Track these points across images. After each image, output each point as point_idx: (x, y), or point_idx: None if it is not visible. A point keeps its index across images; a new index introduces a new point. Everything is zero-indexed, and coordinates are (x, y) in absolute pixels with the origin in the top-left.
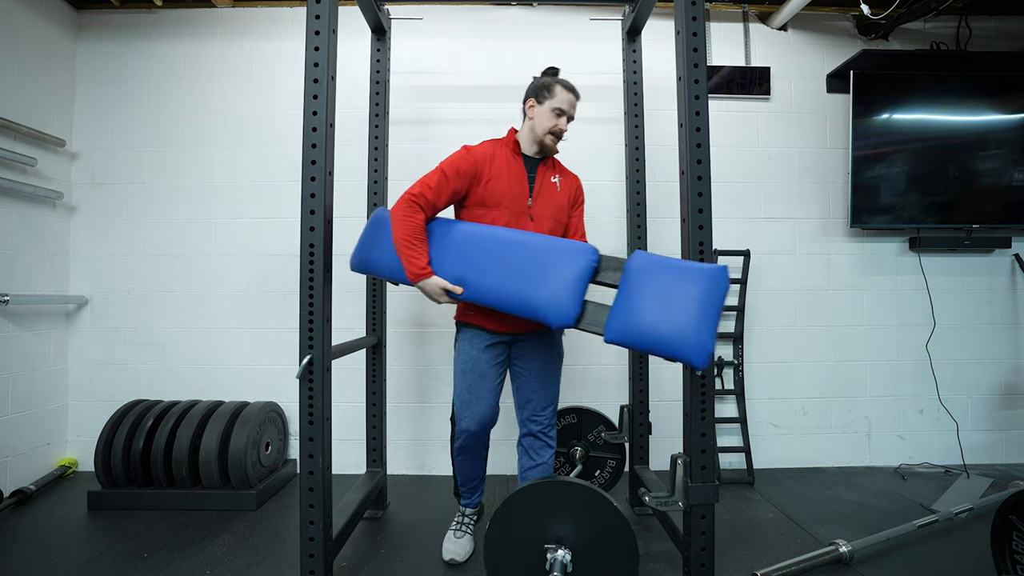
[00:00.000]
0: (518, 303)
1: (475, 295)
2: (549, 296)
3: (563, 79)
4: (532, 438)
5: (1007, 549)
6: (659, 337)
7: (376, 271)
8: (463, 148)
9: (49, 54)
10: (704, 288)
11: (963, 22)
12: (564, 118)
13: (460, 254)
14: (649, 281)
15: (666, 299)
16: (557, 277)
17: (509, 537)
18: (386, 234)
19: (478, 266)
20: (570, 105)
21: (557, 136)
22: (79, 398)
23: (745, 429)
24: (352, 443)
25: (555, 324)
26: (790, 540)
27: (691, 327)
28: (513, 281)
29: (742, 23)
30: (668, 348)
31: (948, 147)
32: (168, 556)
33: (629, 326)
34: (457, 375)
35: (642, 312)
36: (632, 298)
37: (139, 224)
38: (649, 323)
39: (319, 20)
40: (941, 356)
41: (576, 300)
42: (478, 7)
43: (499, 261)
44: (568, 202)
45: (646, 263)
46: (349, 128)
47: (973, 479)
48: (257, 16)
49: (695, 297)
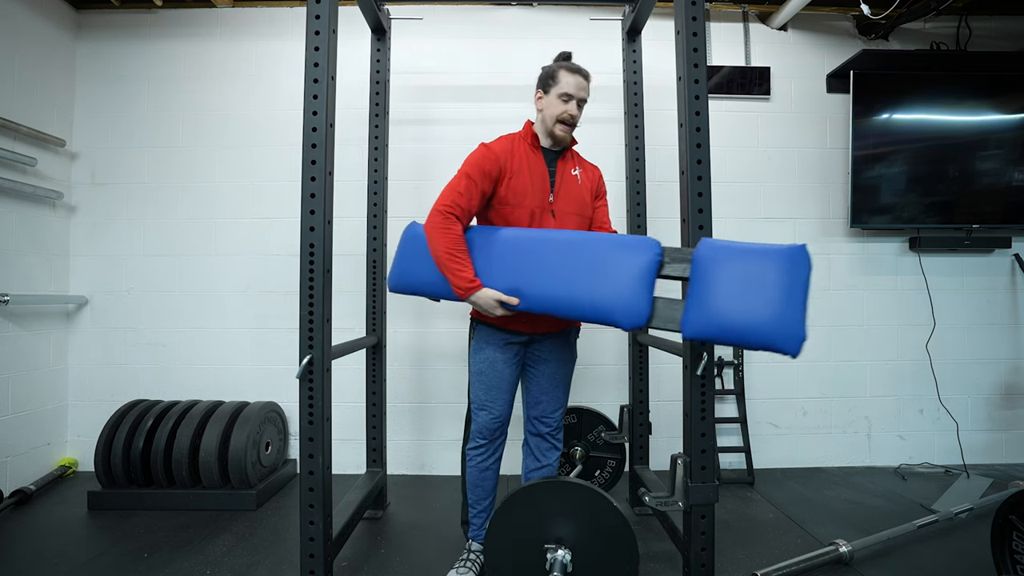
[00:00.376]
0: (582, 308)
1: (532, 304)
2: (617, 296)
3: (567, 62)
4: (540, 439)
5: (1007, 549)
6: (745, 328)
7: (419, 289)
8: (481, 146)
9: (49, 54)
10: (787, 271)
11: (963, 22)
12: (573, 103)
13: (507, 263)
14: (724, 269)
15: (747, 287)
16: (622, 275)
17: (509, 537)
18: (423, 249)
19: (530, 273)
20: (578, 88)
21: (568, 124)
22: (79, 398)
23: (745, 429)
24: (352, 443)
25: (628, 326)
26: (790, 540)
27: (780, 314)
28: (573, 285)
29: (742, 23)
30: (758, 339)
31: (948, 147)
32: (168, 556)
33: (711, 319)
34: (473, 374)
35: (722, 303)
36: (708, 289)
37: (139, 224)
38: (732, 314)
39: (319, 20)
40: (941, 356)
41: (647, 298)
42: (478, 7)
43: (552, 265)
44: (590, 194)
45: (717, 250)
46: (349, 128)
47: (973, 479)
48: (257, 16)
49: (779, 282)
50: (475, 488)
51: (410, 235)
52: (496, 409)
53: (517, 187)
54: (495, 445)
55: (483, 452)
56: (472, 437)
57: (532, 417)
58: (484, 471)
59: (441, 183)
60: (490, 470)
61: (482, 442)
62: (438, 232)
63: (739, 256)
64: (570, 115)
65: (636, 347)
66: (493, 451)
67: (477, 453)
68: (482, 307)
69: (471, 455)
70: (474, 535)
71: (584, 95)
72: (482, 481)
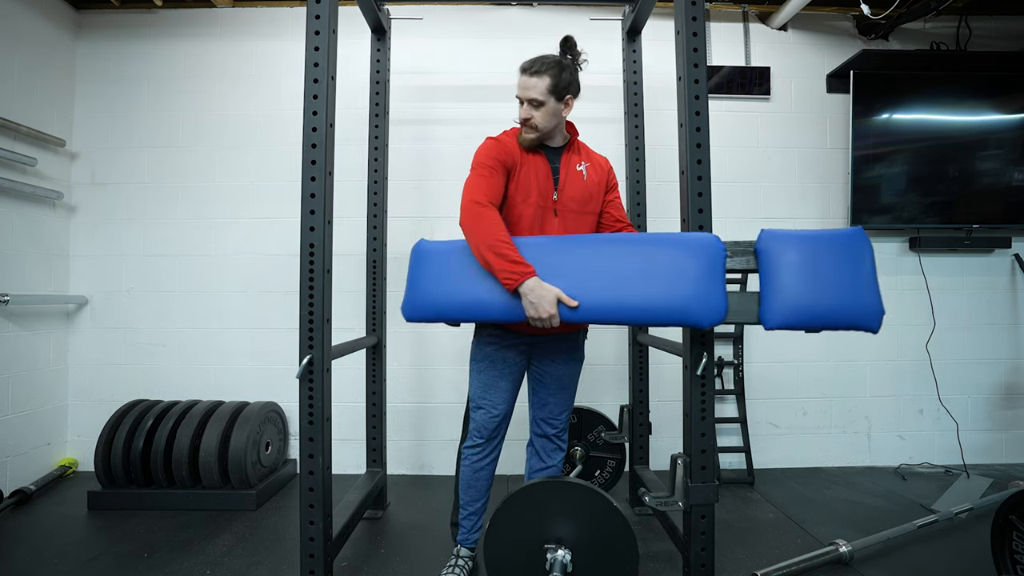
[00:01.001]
0: (655, 311)
1: (592, 312)
2: (693, 296)
3: (525, 62)
4: (546, 440)
5: (1007, 549)
6: (829, 312)
7: (445, 311)
8: (489, 139)
9: (49, 54)
10: (857, 253)
11: (963, 22)
12: (525, 106)
13: (555, 269)
14: (794, 258)
15: (819, 273)
16: (693, 273)
17: (509, 537)
18: (443, 266)
19: (584, 279)
20: (523, 88)
21: (526, 127)
22: (79, 398)
23: (745, 429)
24: (352, 443)
25: (708, 323)
26: (790, 540)
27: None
28: (639, 288)
29: (742, 23)
30: (843, 320)
31: (948, 147)
32: (168, 556)
33: (793, 308)
34: (473, 372)
35: (802, 291)
36: (782, 278)
37: (139, 224)
38: (814, 301)
39: (319, 20)
40: (941, 356)
41: (723, 293)
42: (478, 7)
43: (610, 269)
44: (599, 188)
45: (779, 240)
46: (349, 128)
47: (973, 479)
48: (257, 16)
49: (851, 264)
50: (468, 489)
51: (422, 253)
52: (494, 408)
53: (525, 183)
54: (492, 445)
55: (479, 452)
56: (469, 435)
57: (539, 419)
58: (478, 472)
59: (441, 183)
60: (485, 471)
61: (479, 441)
62: (477, 220)
63: (805, 244)
64: (523, 118)
65: (636, 347)
66: (490, 451)
67: (473, 452)
68: (534, 301)
69: (466, 454)
70: (463, 539)
71: (533, 94)
72: (475, 482)
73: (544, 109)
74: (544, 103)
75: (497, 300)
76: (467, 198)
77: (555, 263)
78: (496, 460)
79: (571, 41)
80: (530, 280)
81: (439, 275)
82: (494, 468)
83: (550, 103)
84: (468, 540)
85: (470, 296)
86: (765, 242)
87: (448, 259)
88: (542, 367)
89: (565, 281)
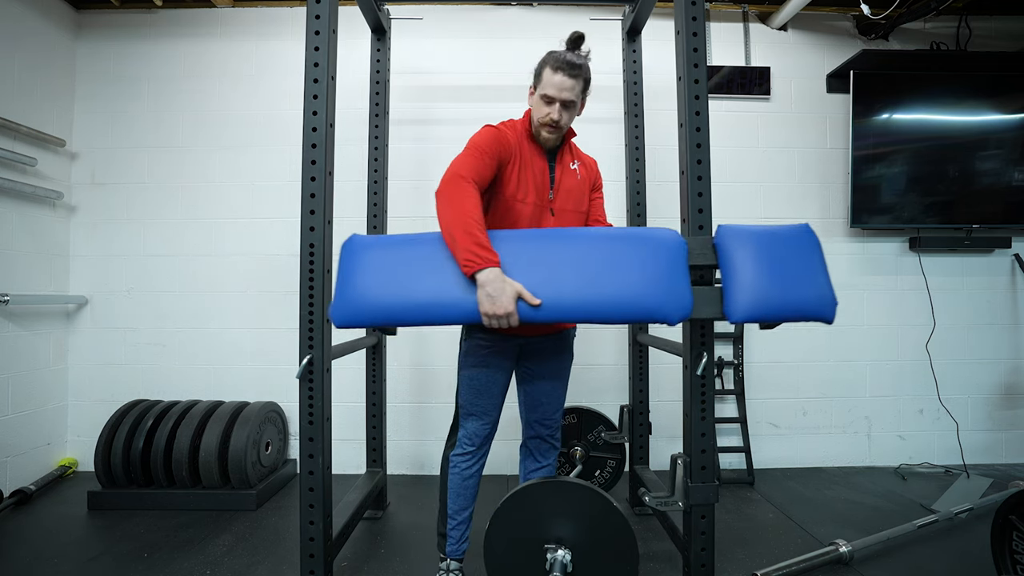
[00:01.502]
0: (621, 308)
1: (554, 310)
2: (659, 292)
3: (558, 55)
4: (539, 441)
5: (1007, 549)
6: (789, 302)
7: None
8: (489, 126)
9: (49, 54)
10: (805, 248)
11: (963, 22)
12: (556, 106)
13: (518, 263)
14: (752, 252)
15: (776, 266)
16: (657, 269)
17: (509, 536)
18: (382, 263)
19: (548, 274)
20: (559, 89)
21: (551, 127)
22: (79, 398)
23: (745, 429)
24: (352, 443)
25: (676, 319)
26: (790, 540)
27: (817, 286)
28: (604, 285)
29: (742, 23)
30: (802, 310)
31: (948, 147)
32: (168, 556)
33: (755, 300)
34: (464, 379)
35: (762, 284)
36: (742, 273)
37: (139, 224)
38: (773, 292)
39: (319, 20)
40: (941, 356)
41: (688, 288)
42: (478, 7)
43: (577, 266)
44: (589, 188)
45: (736, 235)
46: (349, 128)
47: (973, 479)
48: (257, 16)
49: (806, 257)
50: (457, 496)
51: (356, 248)
52: (487, 415)
53: (525, 179)
54: (482, 452)
55: (469, 459)
56: (459, 443)
57: (532, 421)
58: (468, 479)
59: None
60: (473, 478)
61: (470, 449)
62: (456, 192)
63: (761, 239)
64: (552, 120)
65: (636, 347)
66: (479, 458)
67: (462, 460)
68: (492, 294)
69: (455, 461)
70: (452, 551)
71: (569, 96)
72: (464, 489)
73: (572, 110)
74: (575, 104)
75: (449, 297)
76: (452, 170)
77: (518, 257)
78: (484, 465)
79: (583, 39)
80: (491, 270)
81: (378, 272)
82: (481, 474)
83: (578, 104)
84: (457, 551)
85: (418, 294)
86: (723, 238)
87: (388, 254)
88: (533, 367)
89: (527, 276)
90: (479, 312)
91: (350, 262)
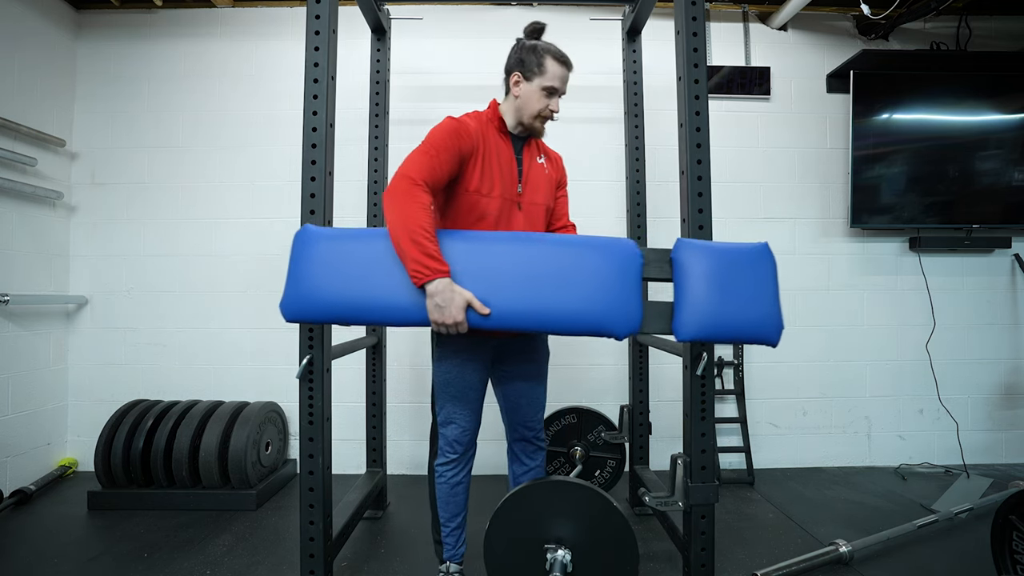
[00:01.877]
0: (568, 319)
1: (503, 319)
2: (608, 305)
3: (553, 48)
4: (524, 443)
5: (1007, 549)
6: (736, 325)
7: (341, 310)
8: (451, 119)
9: (49, 54)
10: (761, 268)
11: (963, 22)
12: (556, 97)
13: (470, 270)
14: (706, 270)
15: (728, 286)
16: (608, 281)
17: (509, 536)
18: (340, 253)
19: (498, 282)
20: (563, 81)
21: (547, 120)
22: (79, 398)
23: (745, 429)
24: (352, 443)
25: (623, 334)
26: (790, 540)
27: (765, 308)
28: (553, 296)
29: (742, 23)
30: (748, 334)
31: (948, 147)
32: (168, 556)
33: (703, 320)
34: (439, 385)
35: (712, 303)
36: (696, 290)
37: (139, 224)
38: (723, 313)
39: (319, 20)
40: (941, 356)
41: (638, 303)
42: (478, 7)
43: (528, 274)
44: (555, 184)
45: (693, 250)
46: (349, 128)
47: (973, 479)
48: (257, 16)
49: (759, 278)
50: (447, 505)
51: (309, 239)
52: (466, 421)
53: (490, 174)
54: (467, 458)
55: (454, 467)
56: (441, 452)
57: (514, 423)
58: (455, 487)
59: None
60: (461, 485)
61: (452, 456)
62: (405, 199)
63: (717, 256)
64: (552, 111)
65: (636, 347)
66: (464, 464)
67: (447, 469)
68: (441, 304)
69: (440, 471)
70: (450, 555)
71: (566, 87)
72: (453, 497)
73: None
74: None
75: (401, 301)
76: (402, 171)
77: (469, 263)
78: (471, 470)
79: (543, 30)
80: (440, 280)
81: (330, 267)
82: (470, 478)
83: None
84: (456, 556)
85: (370, 295)
86: (680, 251)
87: (342, 248)
88: (508, 369)
89: (477, 284)
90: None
91: (302, 254)
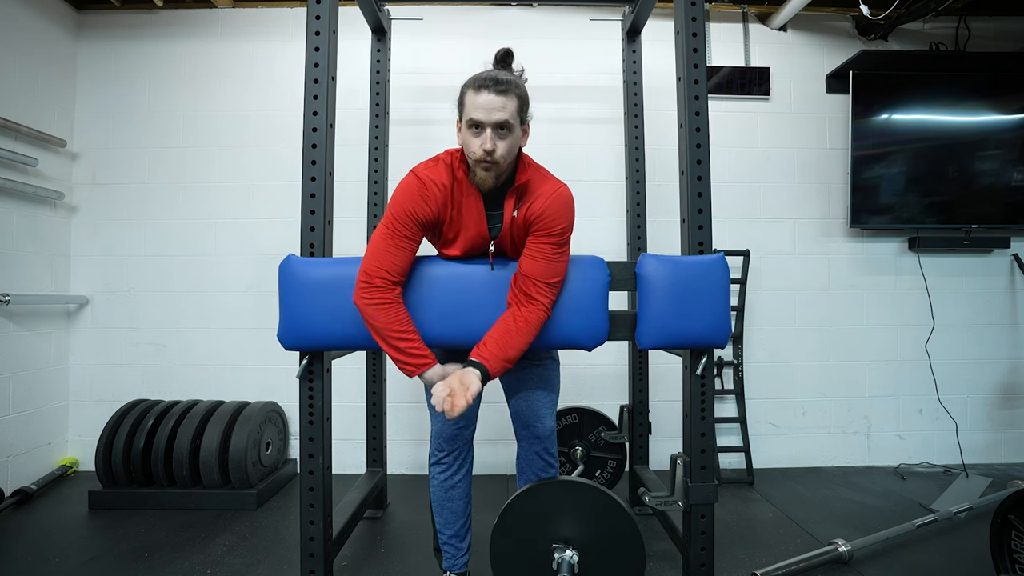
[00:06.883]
0: (540, 336)
1: (473, 337)
2: (578, 321)
3: (478, 74)
4: (535, 457)
5: (1006, 549)
6: (691, 333)
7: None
8: (411, 180)
9: (50, 55)
10: (714, 279)
11: (962, 23)
12: (487, 133)
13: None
14: (665, 281)
15: (684, 298)
16: (578, 300)
17: (516, 536)
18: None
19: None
20: (487, 110)
21: (487, 163)
22: (80, 398)
23: (745, 429)
24: (352, 443)
25: (592, 345)
26: (790, 540)
27: (715, 317)
28: None
29: (742, 23)
30: (701, 340)
31: (947, 147)
32: (168, 556)
33: (661, 329)
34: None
35: (668, 313)
36: (655, 301)
37: (140, 224)
38: (677, 322)
39: (319, 20)
40: (940, 356)
41: (605, 315)
42: (478, 7)
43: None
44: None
45: (656, 265)
46: (349, 128)
47: (972, 479)
48: (257, 16)
49: (711, 289)
50: (441, 510)
51: (292, 277)
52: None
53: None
54: (460, 459)
55: (445, 467)
56: (431, 452)
57: (519, 426)
58: (449, 489)
59: None
60: (457, 488)
61: (441, 455)
62: (373, 309)
63: (676, 268)
64: (485, 152)
65: (636, 347)
66: (459, 465)
67: (440, 469)
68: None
69: (432, 472)
70: (450, 565)
71: (501, 116)
72: (448, 501)
73: (511, 138)
74: (512, 127)
75: None
76: (364, 267)
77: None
78: (469, 475)
79: (511, 55)
80: (430, 370)
81: (315, 299)
82: (468, 485)
83: (516, 130)
84: (456, 566)
85: (354, 329)
86: (643, 267)
87: (326, 279)
88: (512, 373)
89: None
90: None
91: (288, 286)
